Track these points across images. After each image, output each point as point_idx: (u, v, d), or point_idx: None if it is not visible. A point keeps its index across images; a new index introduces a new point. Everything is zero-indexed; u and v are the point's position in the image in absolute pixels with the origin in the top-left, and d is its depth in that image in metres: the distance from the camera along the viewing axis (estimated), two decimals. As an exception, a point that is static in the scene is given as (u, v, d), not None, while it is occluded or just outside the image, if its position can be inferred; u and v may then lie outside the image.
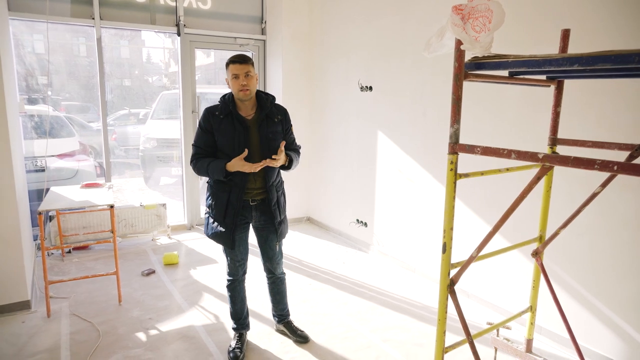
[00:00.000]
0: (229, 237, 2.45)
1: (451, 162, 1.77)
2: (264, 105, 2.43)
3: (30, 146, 4.54)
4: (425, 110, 3.58)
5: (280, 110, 2.52)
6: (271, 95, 2.51)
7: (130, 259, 4.13)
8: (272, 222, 2.54)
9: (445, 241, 1.81)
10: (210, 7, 4.92)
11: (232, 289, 2.66)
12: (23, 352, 2.65)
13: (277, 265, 2.70)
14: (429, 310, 3.20)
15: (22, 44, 4.66)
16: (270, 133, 2.42)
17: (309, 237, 4.83)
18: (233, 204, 2.41)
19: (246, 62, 2.33)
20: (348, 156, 4.58)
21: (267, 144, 2.41)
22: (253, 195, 2.46)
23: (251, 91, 2.35)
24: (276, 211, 2.53)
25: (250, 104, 2.41)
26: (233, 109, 2.37)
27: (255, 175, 2.43)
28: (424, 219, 3.68)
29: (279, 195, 2.57)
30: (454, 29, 1.68)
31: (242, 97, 2.34)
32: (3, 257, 3.01)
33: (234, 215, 2.42)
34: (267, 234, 2.58)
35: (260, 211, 2.51)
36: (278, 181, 2.57)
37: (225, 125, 2.37)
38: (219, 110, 2.39)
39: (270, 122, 2.43)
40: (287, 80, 4.98)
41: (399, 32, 3.76)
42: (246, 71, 2.32)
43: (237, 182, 2.39)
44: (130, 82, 7.84)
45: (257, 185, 2.45)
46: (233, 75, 2.32)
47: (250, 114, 2.43)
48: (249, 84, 2.33)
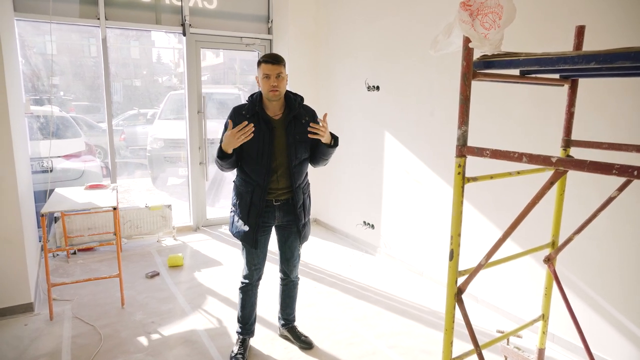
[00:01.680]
0: (252, 236, 2.42)
1: (459, 165, 1.69)
2: (292, 106, 2.39)
3: (37, 147, 4.54)
4: (433, 110, 3.50)
5: (309, 111, 2.47)
6: (300, 95, 2.47)
7: (135, 260, 4.10)
8: (295, 224, 2.50)
9: (453, 248, 1.73)
10: (216, 7, 4.87)
11: (245, 292, 2.62)
12: (24, 355, 2.62)
13: (294, 268, 2.66)
14: (437, 315, 3.12)
15: (28, 45, 4.66)
16: (297, 134, 2.38)
17: (315, 238, 4.77)
18: (255, 204, 2.38)
19: (279, 63, 2.29)
20: (355, 157, 4.50)
21: (294, 145, 2.37)
22: (277, 195, 2.43)
23: (281, 92, 2.32)
24: (301, 213, 2.49)
25: (278, 104, 2.38)
26: (259, 108, 2.34)
27: (279, 176, 2.39)
28: (432, 221, 3.59)
29: (305, 197, 2.53)
30: (462, 25, 1.60)
31: (272, 97, 2.31)
32: (6, 259, 2.99)
33: (256, 215, 2.39)
34: (289, 235, 2.55)
35: (284, 211, 2.47)
36: (305, 183, 2.52)
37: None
38: (245, 109, 2.36)
39: (297, 124, 2.39)
40: (293, 79, 4.92)
41: (406, 31, 3.68)
42: (278, 72, 2.28)
43: (259, 182, 2.36)
44: (139, 83, 7.84)
45: (280, 186, 2.41)
46: (264, 75, 2.28)
47: (278, 114, 2.39)
48: (280, 85, 2.29)
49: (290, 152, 2.37)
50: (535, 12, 2.66)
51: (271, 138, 2.33)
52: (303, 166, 2.47)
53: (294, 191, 2.42)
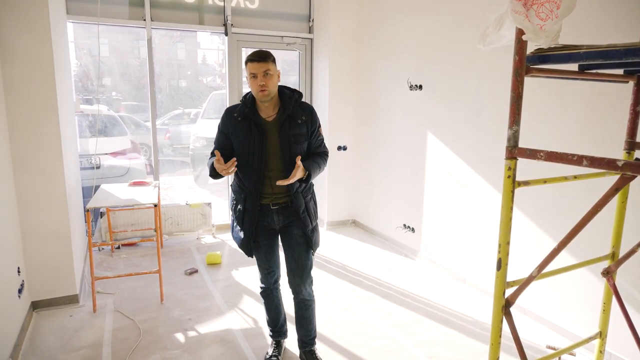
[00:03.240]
0: (247, 243, 2.30)
1: (509, 168, 1.58)
2: (287, 105, 2.19)
3: (85, 144, 4.72)
4: (481, 110, 3.33)
5: (306, 109, 2.25)
6: (297, 92, 2.25)
7: (175, 257, 4.17)
8: (300, 228, 2.29)
9: (501, 257, 1.61)
10: (257, 6, 4.89)
11: (265, 297, 2.54)
12: (68, 346, 2.70)
13: (301, 282, 2.36)
14: (481, 326, 2.96)
15: (80, 47, 4.86)
16: (292, 136, 2.18)
17: (353, 240, 4.69)
18: (249, 210, 2.24)
19: (265, 60, 2.08)
20: (396, 158, 4.38)
21: (289, 148, 2.17)
22: (273, 199, 2.25)
23: (270, 92, 2.11)
24: (306, 218, 2.29)
25: (272, 104, 2.19)
26: (250, 111, 2.16)
27: (272, 180, 2.20)
28: (477, 226, 3.43)
29: (308, 200, 2.31)
30: (514, 17, 1.48)
31: (261, 98, 2.12)
32: (54, 252, 3.11)
33: (250, 222, 2.25)
34: (290, 239, 2.32)
35: (284, 215, 2.29)
36: (305, 187, 2.29)
37: (242, 129, 2.17)
38: (237, 111, 2.21)
39: (293, 124, 2.19)
40: (334, 79, 4.86)
41: (453, 26, 3.53)
42: (265, 70, 2.07)
43: (250, 188, 2.21)
44: (185, 83, 8.04)
45: (276, 191, 2.22)
46: (251, 75, 2.10)
47: (272, 115, 2.20)
48: (268, 83, 2.09)
49: (284, 156, 2.17)
50: (593, 1, 2.47)
51: (262, 142, 2.15)
52: None
53: (292, 196, 2.23)
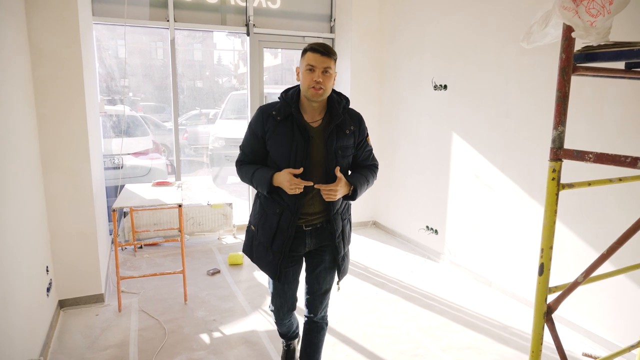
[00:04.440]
0: (275, 267, 1.99)
1: (553, 170, 1.52)
2: (335, 112, 1.92)
3: (109, 144, 4.76)
4: (508, 111, 3.27)
5: (354, 117, 2.01)
6: (345, 97, 2.01)
7: (197, 257, 4.18)
8: (330, 253, 2.06)
9: (544, 262, 1.55)
10: (279, 6, 4.88)
11: (278, 324, 2.28)
12: (96, 345, 2.72)
13: (320, 304, 2.14)
14: (509, 331, 2.90)
15: (104, 48, 4.91)
16: (340, 148, 1.92)
17: (375, 242, 4.64)
18: (283, 230, 1.93)
19: (329, 55, 1.82)
20: (419, 158, 4.33)
21: (335, 161, 1.90)
22: (308, 220, 1.98)
23: (325, 92, 1.85)
24: (340, 244, 2.04)
25: (319, 106, 1.91)
26: (295, 110, 1.88)
27: (313, 198, 1.94)
28: (505, 229, 3.36)
29: (345, 223, 2.07)
30: (563, 13, 1.43)
31: (312, 96, 1.83)
32: (80, 251, 3.13)
33: (282, 243, 1.95)
34: (318, 263, 2.08)
35: (317, 237, 2.02)
36: (344, 207, 2.06)
37: (282, 131, 1.87)
38: (277, 109, 1.90)
39: (340, 134, 1.92)
40: (356, 79, 4.83)
41: (480, 25, 3.47)
42: (326, 66, 1.81)
43: (290, 204, 1.91)
44: (201, 84, 8.11)
45: (315, 210, 1.97)
46: (308, 67, 1.82)
47: (317, 119, 1.92)
48: (325, 82, 1.82)
49: (330, 170, 1.90)
50: None
51: (307, 150, 1.87)
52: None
53: (331, 218, 1.98)
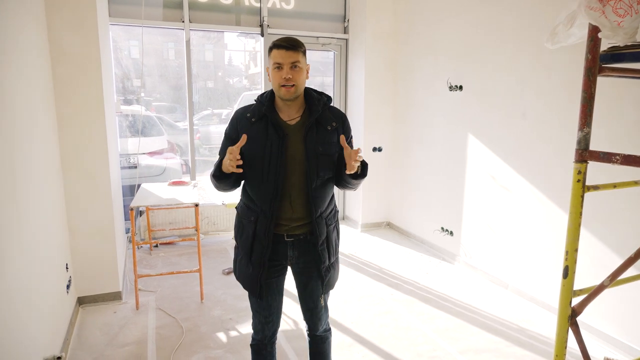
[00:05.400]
0: (255, 280, 1.81)
1: (578, 171, 1.51)
2: (313, 108, 1.79)
3: (125, 144, 4.81)
4: (525, 111, 3.24)
5: (337, 115, 1.85)
6: (326, 95, 1.87)
7: (212, 256, 4.21)
8: (316, 266, 1.84)
9: (568, 264, 1.54)
10: (293, 7, 4.90)
11: (256, 353, 2.00)
12: (114, 342, 2.75)
13: (319, 320, 1.98)
14: (527, 334, 2.87)
15: (119, 48, 4.96)
16: (320, 145, 1.76)
17: (388, 243, 4.63)
18: (260, 237, 1.77)
19: (295, 49, 1.69)
20: (433, 159, 4.31)
21: (316, 159, 1.74)
22: (290, 229, 1.80)
23: (297, 88, 1.71)
24: (324, 252, 1.83)
25: (295, 105, 1.79)
26: (268, 110, 1.76)
27: (292, 201, 1.77)
28: (522, 231, 3.33)
29: (330, 230, 1.86)
30: (589, 13, 1.42)
31: (284, 95, 1.71)
32: (99, 249, 3.17)
33: (261, 253, 1.78)
34: (308, 280, 1.89)
35: (301, 250, 1.84)
36: (330, 211, 1.87)
37: (256, 132, 1.74)
38: (250, 111, 1.79)
39: (321, 130, 1.78)
40: (370, 79, 4.82)
41: (496, 25, 3.44)
42: (293, 60, 1.68)
43: (264, 208, 1.75)
44: (212, 84, 8.18)
45: (295, 215, 1.78)
46: (275, 65, 1.69)
47: (295, 117, 1.79)
48: (296, 78, 1.69)
49: (310, 169, 1.74)
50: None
51: (282, 148, 1.72)
52: (327, 188, 1.82)
53: (313, 222, 1.78)
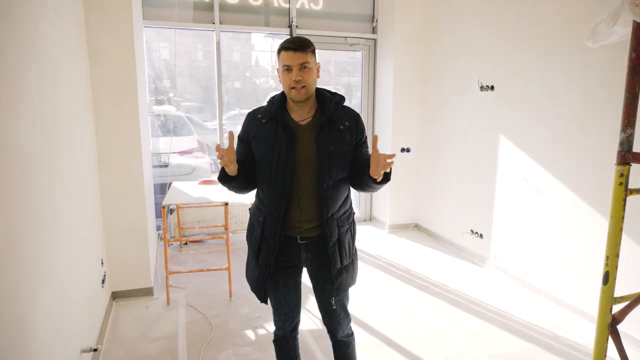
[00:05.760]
0: (260, 282, 1.82)
1: (621, 174, 1.46)
2: (326, 107, 1.76)
3: (156, 143, 4.93)
4: (559, 112, 3.15)
5: (350, 114, 1.82)
6: (339, 94, 1.85)
7: (240, 255, 4.25)
8: (329, 269, 1.80)
9: (609, 270, 1.50)
10: (322, 7, 4.91)
11: (279, 347, 2.05)
12: (147, 336, 2.82)
13: (339, 325, 1.95)
14: (561, 341, 2.79)
15: (150, 50, 5.08)
16: (332, 144, 1.72)
17: (416, 245, 4.58)
18: (267, 239, 1.76)
19: (303, 49, 1.67)
20: (463, 161, 4.24)
21: (328, 159, 1.71)
22: (302, 231, 1.77)
23: (308, 89, 1.70)
24: (335, 255, 1.78)
25: (307, 105, 1.77)
26: (278, 110, 1.75)
27: (302, 202, 1.74)
28: (555, 235, 3.24)
29: (343, 232, 1.81)
30: (633, 10, 1.37)
31: (295, 97, 1.70)
32: (132, 246, 3.26)
33: (268, 254, 1.77)
34: (323, 284, 1.86)
35: (315, 252, 1.81)
36: (345, 212, 1.83)
37: (266, 132, 1.74)
38: (261, 112, 1.79)
39: (333, 130, 1.75)
40: (398, 79, 4.78)
41: (530, 24, 3.36)
42: (302, 62, 1.66)
43: (271, 209, 1.74)
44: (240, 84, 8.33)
45: (305, 217, 1.75)
46: (284, 67, 1.68)
47: (307, 117, 1.77)
48: (305, 79, 1.67)
49: (321, 169, 1.70)
50: None
51: (290, 147, 1.70)
52: (340, 189, 1.77)
53: (324, 223, 1.74)
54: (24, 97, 1.62)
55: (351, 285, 1.92)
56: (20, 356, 1.43)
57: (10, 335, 1.35)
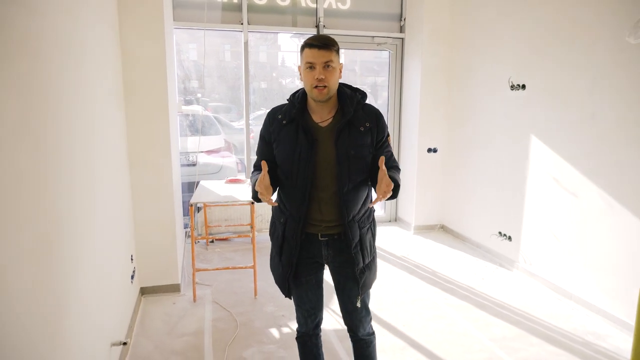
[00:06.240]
0: (284, 280, 1.86)
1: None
2: (346, 108, 1.73)
3: (184, 142, 5.03)
4: (595, 111, 3.04)
5: (371, 114, 1.78)
6: (360, 91, 1.81)
7: (265, 253, 4.24)
8: (351, 268, 1.82)
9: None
10: (349, 7, 4.90)
11: (302, 344, 2.06)
12: (174, 331, 2.88)
13: (360, 323, 1.94)
14: (593, 348, 2.70)
15: (180, 50, 5.19)
16: (352, 148, 1.70)
17: (442, 246, 4.52)
18: (289, 240, 1.79)
19: (327, 47, 1.64)
20: (491, 161, 4.15)
21: (347, 162, 1.69)
22: (323, 228, 1.79)
23: (330, 89, 1.67)
24: (358, 255, 1.80)
25: (328, 105, 1.74)
26: (298, 112, 1.73)
27: (323, 205, 1.75)
28: (588, 238, 3.13)
29: (364, 232, 1.82)
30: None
31: (317, 96, 1.67)
32: (160, 243, 3.33)
33: (290, 254, 1.81)
34: (345, 281, 1.87)
35: (336, 249, 1.82)
36: (364, 213, 1.83)
37: (287, 135, 1.73)
38: (282, 112, 1.77)
39: (353, 132, 1.72)
40: (426, 78, 4.72)
41: (566, 19, 3.26)
42: (326, 60, 1.63)
43: (292, 212, 1.76)
44: (266, 84, 8.42)
45: (326, 218, 1.77)
46: (307, 65, 1.66)
47: (327, 119, 1.75)
48: (328, 78, 1.64)
49: (341, 173, 1.69)
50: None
51: (311, 152, 1.69)
52: (360, 191, 1.77)
53: (345, 226, 1.75)
54: (62, 97, 1.68)
55: (374, 281, 1.93)
56: (57, 345, 1.48)
57: (49, 323, 1.40)
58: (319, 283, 1.93)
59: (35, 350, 1.30)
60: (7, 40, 1.20)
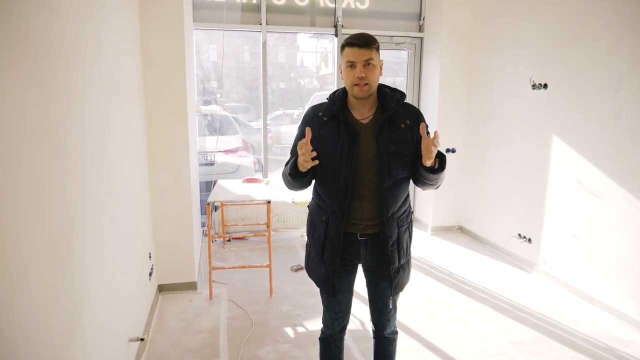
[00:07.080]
0: (327, 279, 1.86)
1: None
2: (387, 105, 1.76)
3: (202, 142, 5.09)
4: (620, 111, 2.96)
5: (411, 111, 1.81)
6: (399, 91, 1.83)
7: (281, 253, 4.31)
8: (386, 267, 1.84)
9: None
10: (367, 6, 4.88)
11: (325, 345, 2.06)
12: (190, 328, 2.91)
13: (387, 322, 1.99)
14: (616, 354, 2.63)
15: (199, 51, 5.25)
16: (393, 144, 1.73)
17: (460, 247, 4.46)
18: (331, 238, 1.80)
19: (368, 46, 1.66)
20: (512, 162, 4.08)
21: (388, 158, 1.72)
22: (362, 228, 1.80)
23: (371, 86, 1.70)
24: (394, 253, 1.82)
25: (368, 103, 1.77)
26: (340, 109, 1.76)
27: (364, 201, 1.77)
28: (612, 241, 3.05)
29: (402, 231, 1.83)
30: None
31: (357, 94, 1.70)
32: (178, 241, 3.37)
33: (333, 253, 1.81)
34: (379, 280, 1.89)
35: (373, 249, 1.83)
36: (404, 211, 1.85)
37: (328, 131, 1.75)
38: (323, 110, 1.80)
39: (394, 129, 1.75)
40: (445, 78, 4.67)
41: (590, 17, 3.18)
42: (367, 58, 1.66)
43: (334, 208, 1.77)
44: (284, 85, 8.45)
45: (366, 215, 1.78)
46: (348, 63, 1.68)
47: (368, 116, 1.78)
48: (369, 76, 1.67)
49: (382, 169, 1.72)
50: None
51: (353, 147, 1.71)
52: (400, 188, 1.79)
53: (384, 223, 1.77)
54: (82, 97, 1.72)
55: (407, 283, 1.94)
56: (76, 338, 1.52)
57: (67, 317, 1.44)
58: (350, 286, 1.94)
59: (52, 343, 1.33)
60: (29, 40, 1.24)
